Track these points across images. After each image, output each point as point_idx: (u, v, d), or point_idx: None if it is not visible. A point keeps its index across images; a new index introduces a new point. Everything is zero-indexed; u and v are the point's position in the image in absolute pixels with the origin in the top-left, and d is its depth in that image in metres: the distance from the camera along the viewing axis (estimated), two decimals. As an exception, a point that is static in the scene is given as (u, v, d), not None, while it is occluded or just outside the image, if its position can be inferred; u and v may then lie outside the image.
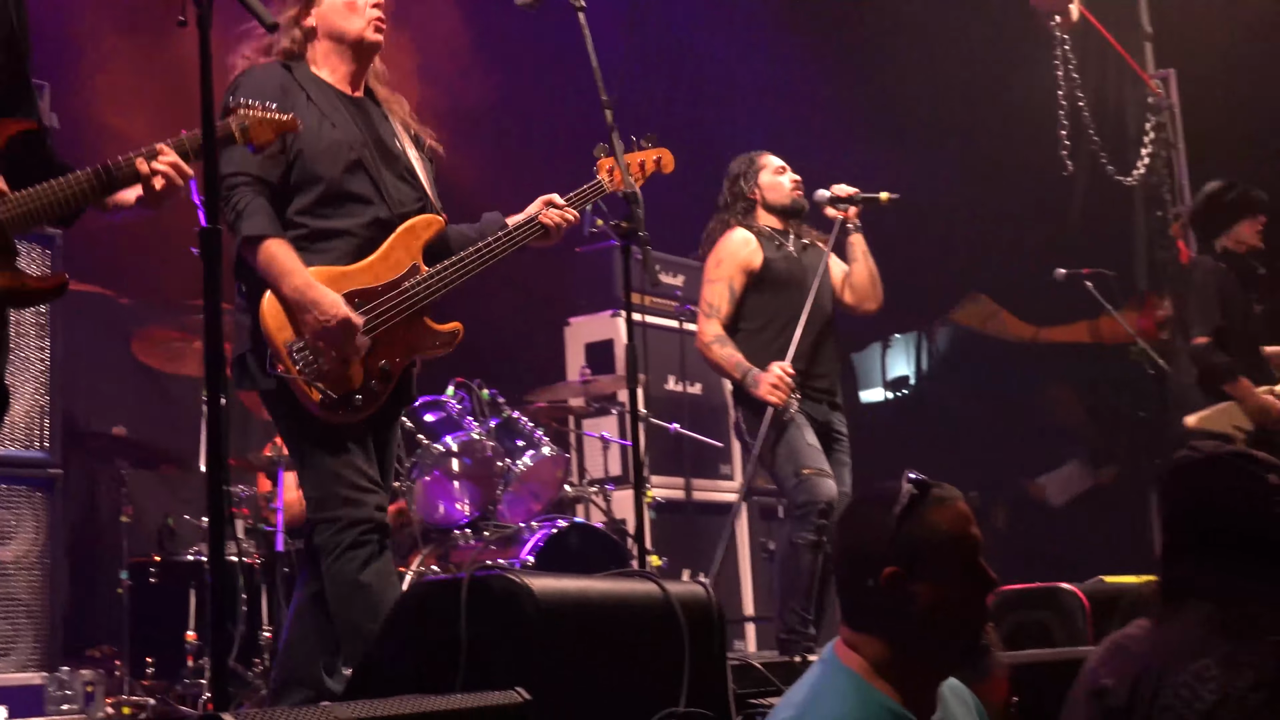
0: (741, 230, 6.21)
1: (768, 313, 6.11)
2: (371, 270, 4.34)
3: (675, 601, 3.47)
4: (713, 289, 6.17)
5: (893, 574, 2.63)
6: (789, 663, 4.59)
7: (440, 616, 3.19)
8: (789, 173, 6.35)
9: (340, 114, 4.42)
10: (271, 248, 4.20)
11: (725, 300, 6.12)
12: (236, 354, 4.34)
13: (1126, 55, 9.14)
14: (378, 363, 4.30)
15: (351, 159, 4.36)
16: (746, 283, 6.14)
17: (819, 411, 6.06)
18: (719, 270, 6.17)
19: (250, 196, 4.23)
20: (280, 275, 4.18)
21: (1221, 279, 7.47)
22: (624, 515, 7.51)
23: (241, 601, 6.42)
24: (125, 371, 8.32)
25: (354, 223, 4.36)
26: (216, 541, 2.99)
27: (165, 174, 3.64)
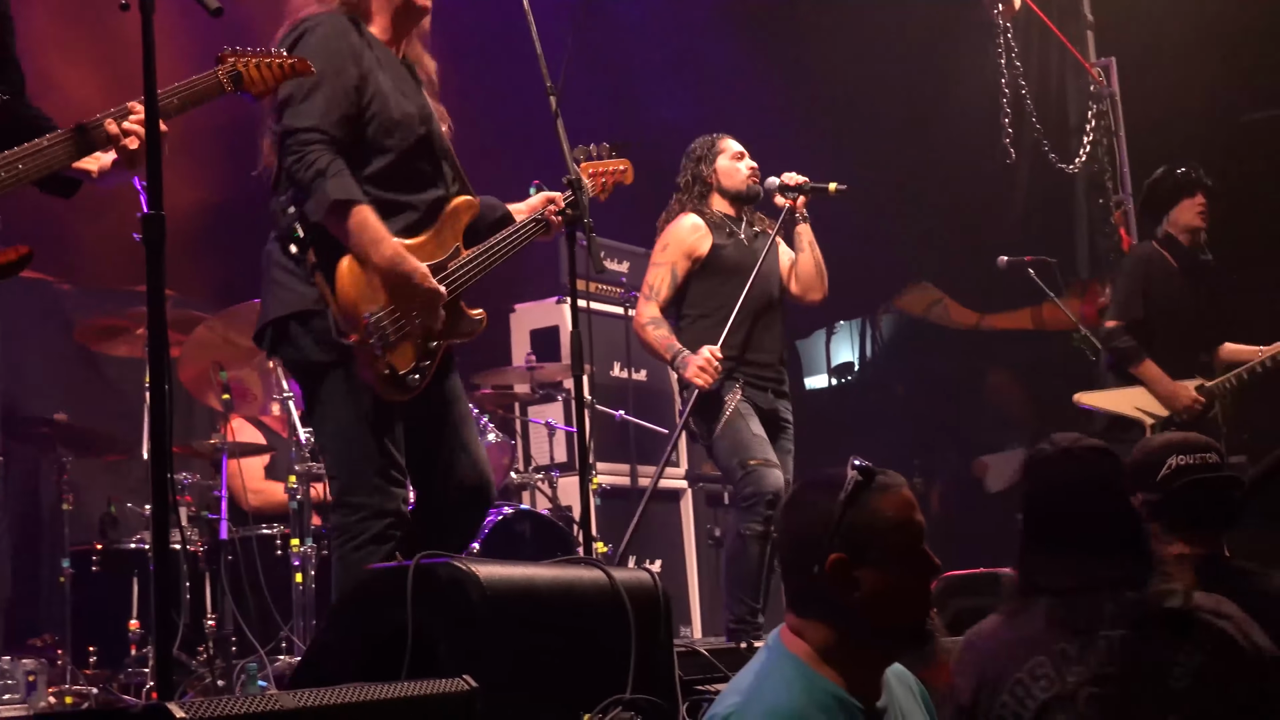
0: (692, 216, 6.21)
1: (714, 300, 6.10)
2: (426, 248, 4.23)
3: (621, 588, 3.48)
4: (655, 272, 6.18)
5: (837, 560, 2.65)
6: (735, 649, 4.61)
7: (387, 604, 3.19)
8: (747, 159, 6.35)
9: (408, 83, 4.32)
10: (364, 212, 4.04)
11: (666, 285, 6.12)
12: (276, 316, 4.17)
13: (1068, 43, 9.21)
14: (430, 343, 4.22)
15: (421, 133, 4.27)
16: (691, 268, 6.14)
17: (763, 399, 6.06)
18: (664, 254, 6.19)
19: (331, 155, 4.05)
20: (373, 242, 4.03)
21: (1150, 267, 7.45)
22: (570, 502, 7.52)
23: (185, 590, 6.38)
24: (67, 357, 8.25)
25: (418, 198, 4.26)
26: (160, 529, 2.97)
27: (137, 133, 3.58)
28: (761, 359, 6.09)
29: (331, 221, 4.03)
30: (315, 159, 4.03)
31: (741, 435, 5.88)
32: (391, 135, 4.22)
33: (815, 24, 10.59)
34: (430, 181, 4.31)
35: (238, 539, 6.47)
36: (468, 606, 3.13)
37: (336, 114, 4.09)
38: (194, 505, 6.90)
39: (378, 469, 4.11)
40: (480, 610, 3.13)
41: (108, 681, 6.24)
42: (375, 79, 4.20)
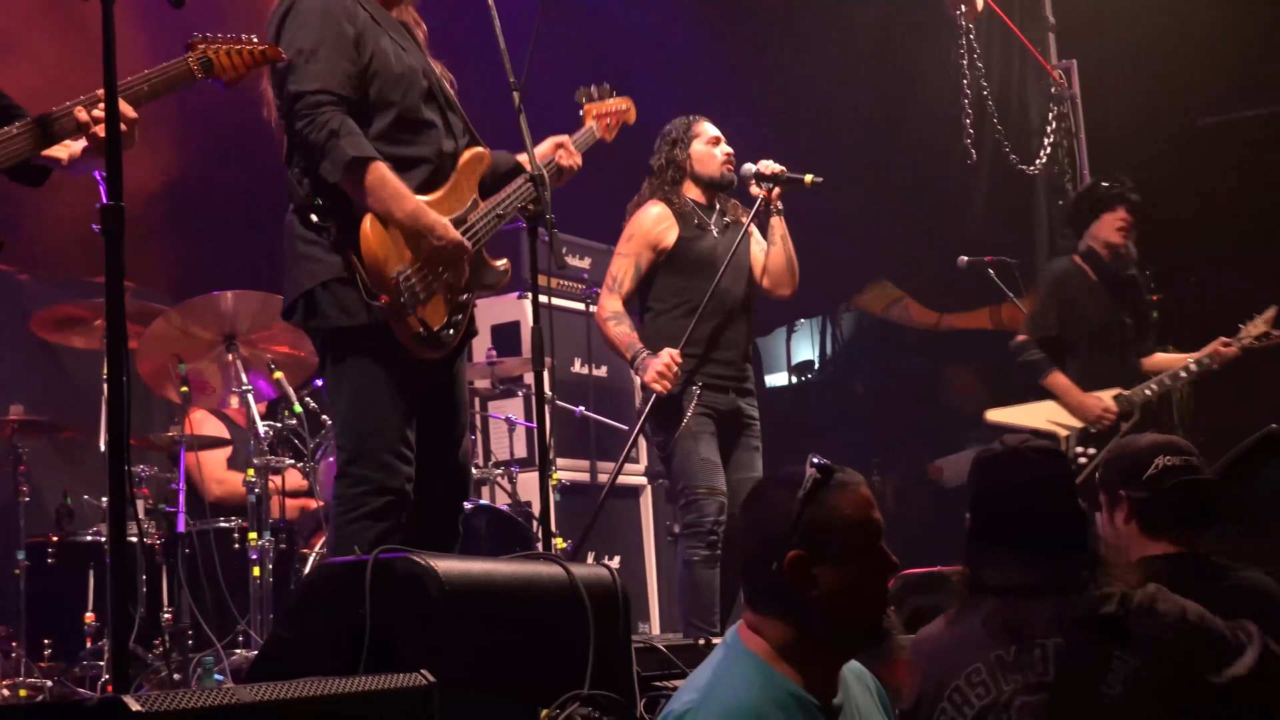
0: (658, 205, 6.09)
1: (679, 296, 6.01)
2: (444, 203, 4.23)
3: (580, 584, 3.48)
4: (619, 263, 6.08)
5: (796, 557, 2.65)
6: (693, 645, 4.61)
7: (345, 598, 3.18)
8: (723, 144, 6.20)
9: (406, 39, 4.31)
10: (382, 169, 4.02)
11: (629, 277, 6.03)
12: (304, 289, 4.14)
13: (1030, 45, 9.25)
14: (459, 297, 4.22)
15: (424, 86, 4.26)
16: (655, 260, 6.04)
17: (723, 401, 5.95)
18: (628, 245, 6.08)
19: (342, 115, 4.03)
20: (393, 197, 4.03)
21: (1067, 281, 7.47)
22: (529, 498, 7.52)
23: (142, 583, 6.35)
24: (23, 349, 8.20)
25: (429, 150, 4.25)
26: (117, 522, 2.96)
27: None
28: (725, 356, 5.98)
29: (349, 181, 4.02)
30: (327, 119, 4.01)
31: (690, 460, 5.80)
32: (395, 89, 4.21)
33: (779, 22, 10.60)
34: (437, 133, 4.30)
35: (195, 532, 6.44)
36: (426, 601, 3.13)
37: (340, 74, 4.08)
38: (151, 498, 6.87)
39: (386, 443, 4.10)
40: (439, 605, 3.12)
41: (63, 674, 6.20)
42: (372, 35, 4.19)
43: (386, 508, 4.06)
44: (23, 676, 6.06)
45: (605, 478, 8.31)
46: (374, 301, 4.02)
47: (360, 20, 4.19)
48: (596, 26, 10.55)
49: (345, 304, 4.08)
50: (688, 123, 6.22)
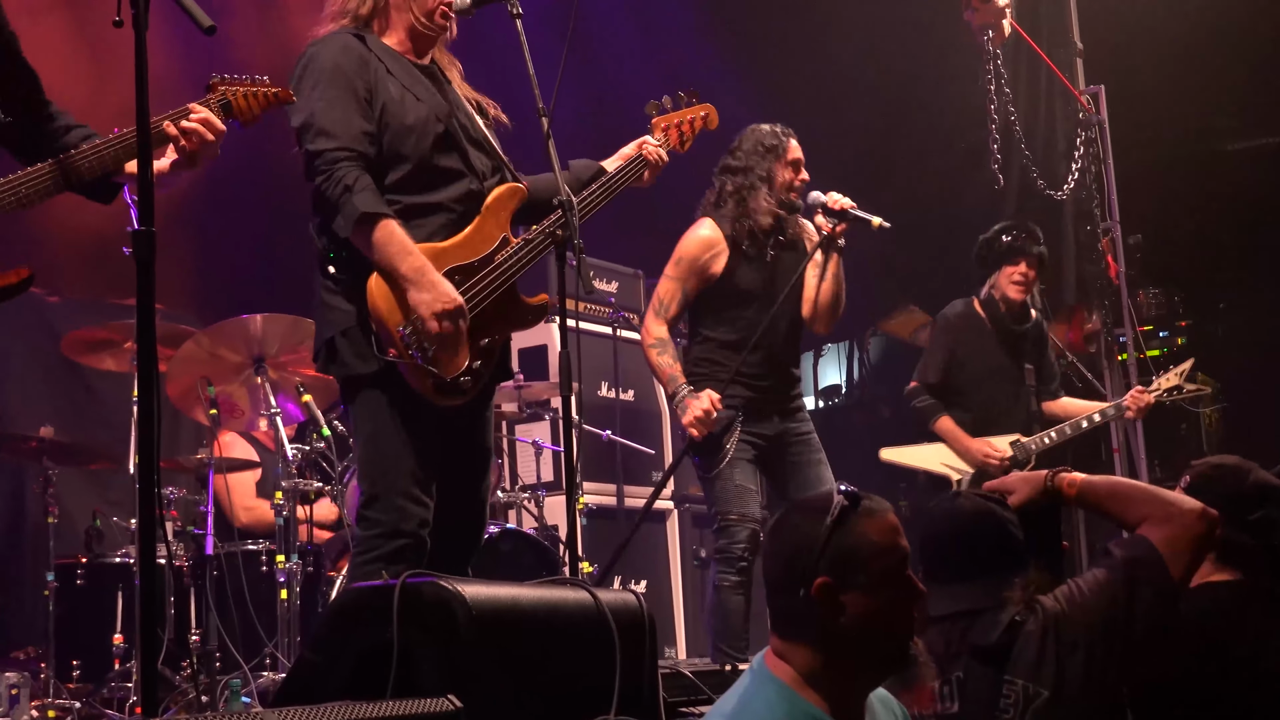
0: (709, 227, 5.97)
1: (724, 323, 5.94)
2: (467, 245, 4.27)
3: (606, 609, 3.48)
4: (666, 286, 5.97)
5: (823, 584, 2.65)
6: (719, 671, 4.61)
7: (372, 623, 3.19)
8: (803, 169, 6.03)
9: (421, 85, 4.35)
10: (390, 225, 4.08)
11: (676, 302, 5.94)
12: (325, 337, 4.24)
13: (1057, 71, 9.24)
14: (480, 341, 4.24)
15: (439, 131, 4.29)
16: (701, 287, 5.94)
17: (768, 427, 5.91)
18: (675, 269, 5.96)
19: (358, 171, 4.10)
20: (399, 255, 4.07)
21: (961, 327, 7.45)
22: (556, 522, 7.52)
23: (170, 605, 6.37)
24: (53, 371, 8.25)
25: (447, 196, 4.29)
26: (146, 544, 2.98)
27: (195, 130, 3.67)
28: (769, 384, 5.92)
29: (359, 237, 4.09)
30: (343, 175, 4.09)
31: (727, 486, 5.79)
32: (406, 141, 4.26)
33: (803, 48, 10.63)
34: (456, 176, 4.34)
35: (223, 554, 6.46)
36: (453, 626, 3.13)
37: (356, 130, 4.15)
38: (179, 520, 6.89)
39: (398, 488, 4.15)
40: (465, 630, 3.13)
41: (91, 696, 6.22)
42: (384, 88, 4.25)
43: (399, 551, 4.11)
44: (51, 697, 6.08)
45: (632, 502, 8.32)
46: (382, 355, 4.11)
47: (373, 73, 4.26)
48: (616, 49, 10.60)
49: (361, 351, 4.16)
50: (781, 135, 6.04)
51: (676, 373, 5.84)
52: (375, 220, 4.08)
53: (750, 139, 6.05)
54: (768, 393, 5.93)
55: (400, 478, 4.16)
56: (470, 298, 4.22)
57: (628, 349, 8.58)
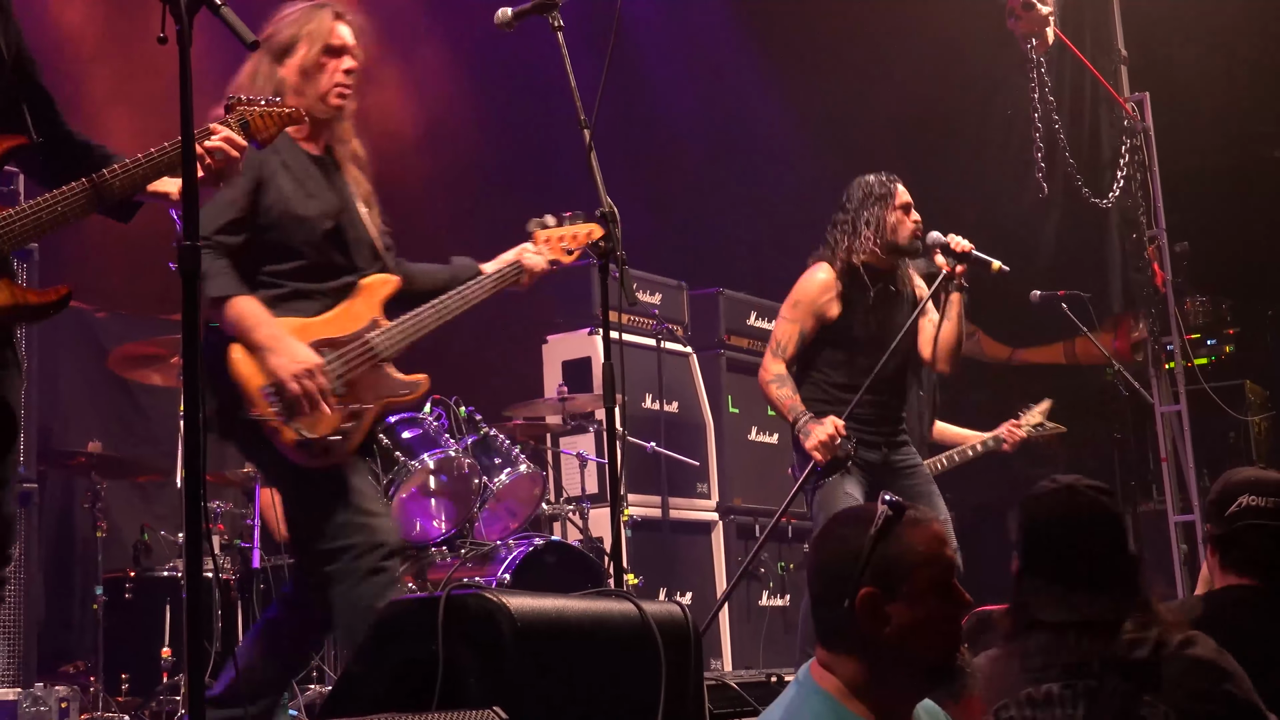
0: (826, 271, 6.00)
1: (837, 368, 5.99)
2: (335, 323, 4.44)
3: (652, 621, 3.48)
4: (784, 328, 6.03)
5: (867, 595, 2.64)
6: (764, 682, 4.60)
7: (417, 635, 3.19)
8: (913, 210, 6.09)
9: (315, 180, 4.51)
10: (240, 303, 4.27)
11: (793, 343, 5.98)
12: (211, 411, 4.36)
13: (1101, 78, 9.19)
14: (348, 405, 4.36)
15: (326, 228, 4.46)
16: (817, 330, 5.98)
17: (875, 455, 5.95)
18: (793, 311, 6.03)
19: (212, 259, 4.27)
20: (252, 326, 4.26)
21: None
22: (601, 533, 7.52)
23: (217, 618, 6.40)
24: (100, 385, 8.31)
25: (329, 287, 4.47)
26: (193, 558, 2.99)
27: (219, 149, 3.75)
28: (880, 424, 5.99)
29: (216, 315, 4.29)
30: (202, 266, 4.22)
31: (834, 494, 5.78)
32: (297, 233, 4.43)
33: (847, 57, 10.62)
34: (341, 270, 4.51)
35: (270, 567, 6.49)
36: (498, 638, 3.13)
37: (223, 220, 4.32)
38: (226, 533, 6.93)
39: (351, 509, 4.29)
40: (511, 641, 3.13)
41: (139, 709, 6.26)
42: (275, 183, 4.41)
43: (381, 561, 4.27)
44: (100, 710, 6.13)
45: (676, 514, 8.31)
46: (247, 414, 4.25)
47: (267, 168, 4.41)
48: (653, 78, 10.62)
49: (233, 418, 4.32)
50: (888, 183, 6.09)
51: (796, 402, 5.89)
52: (224, 300, 4.27)
53: (858, 190, 6.10)
54: (876, 434, 5.99)
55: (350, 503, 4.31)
56: (338, 366, 4.36)
57: (671, 361, 8.58)
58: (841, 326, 5.97)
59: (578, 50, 4.52)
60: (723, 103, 10.98)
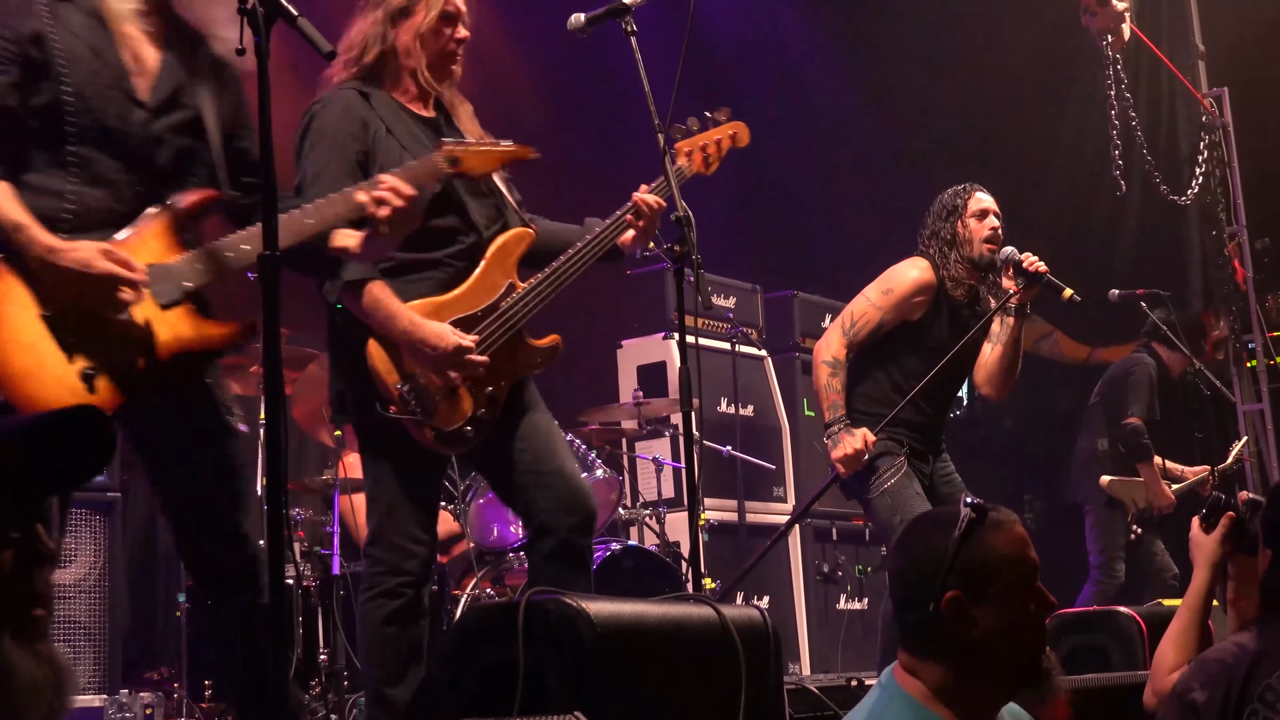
0: (924, 270, 5.82)
1: (903, 368, 5.81)
2: (469, 296, 4.31)
3: (731, 625, 3.47)
4: (865, 311, 5.84)
5: (953, 598, 2.62)
6: (844, 686, 4.57)
7: (497, 640, 3.20)
8: (990, 217, 5.86)
9: (420, 145, 4.37)
10: (375, 290, 4.17)
11: (867, 331, 5.79)
12: (335, 389, 4.37)
13: (1179, 74, 9.11)
14: (484, 389, 4.28)
15: (435, 192, 4.31)
16: (896, 324, 5.80)
17: (925, 465, 5.85)
18: (884, 298, 5.82)
19: None
20: (387, 319, 4.17)
21: (1154, 377, 8.37)
22: (677, 538, 7.52)
23: (298, 624, 6.45)
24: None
25: (443, 253, 4.33)
26: (275, 564, 3.01)
27: (388, 200, 3.81)
28: (927, 432, 5.84)
29: (348, 301, 4.21)
30: None
31: (905, 495, 5.65)
32: None
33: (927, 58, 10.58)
34: (454, 235, 4.36)
35: (349, 574, 6.53)
36: (578, 643, 3.14)
37: None
38: (306, 540, 6.98)
39: (401, 531, 4.24)
40: (590, 646, 3.13)
41: (223, 715, 6.31)
42: (381, 147, 4.30)
43: (398, 587, 4.21)
44: (185, 717, 6.18)
45: (753, 518, 8.30)
46: (385, 411, 4.20)
47: (371, 133, 4.31)
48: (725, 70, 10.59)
49: (364, 404, 4.25)
50: (962, 194, 5.92)
51: (839, 401, 5.72)
52: (361, 286, 4.17)
53: (936, 204, 5.95)
54: (929, 440, 5.88)
55: (399, 521, 4.25)
56: None
57: (746, 364, 8.57)
58: (920, 332, 5.81)
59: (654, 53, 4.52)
60: (799, 105, 10.96)
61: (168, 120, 3.73)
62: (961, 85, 10.39)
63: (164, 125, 3.72)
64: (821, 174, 10.82)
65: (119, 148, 3.65)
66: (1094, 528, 8.47)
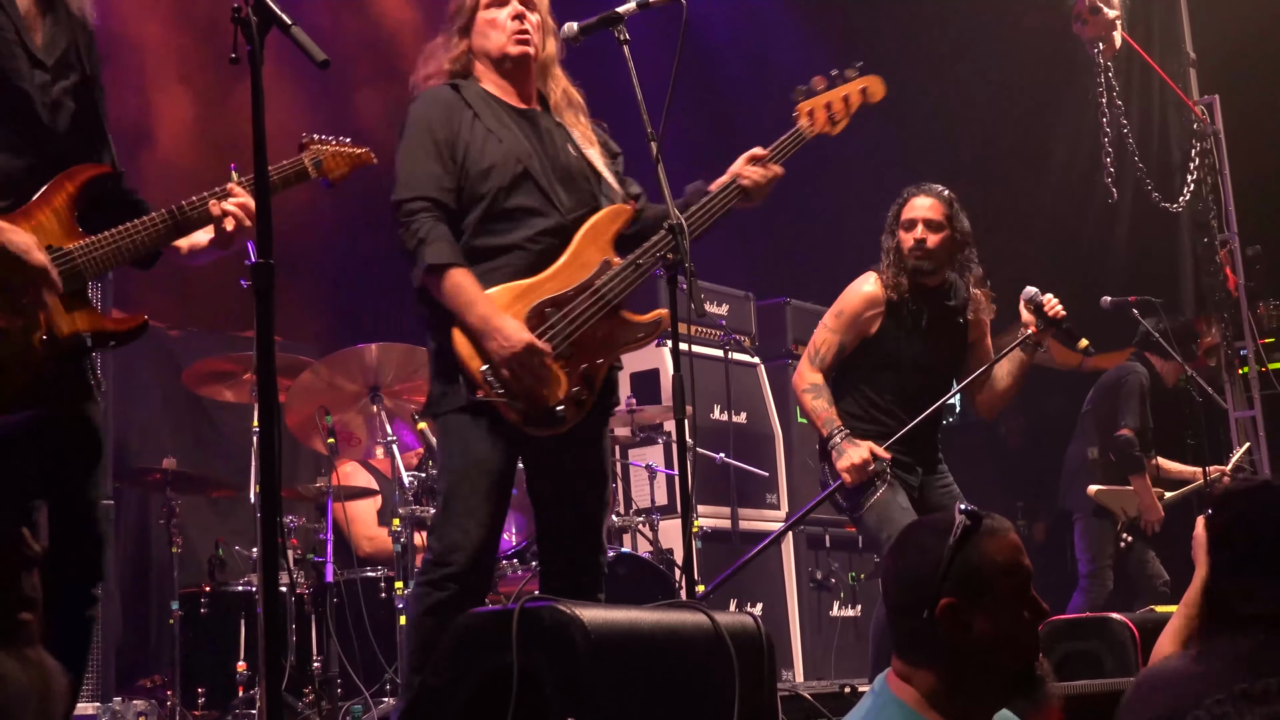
0: (873, 283, 5.82)
1: (875, 384, 5.82)
2: (562, 275, 4.33)
3: (725, 632, 3.47)
4: (824, 337, 5.86)
5: (947, 605, 2.63)
6: (838, 693, 4.58)
7: (492, 647, 3.21)
8: (919, 227, 5.80)
9: (508, 129, 4.41)
10: (456, 276, 4.20)
11: (832, 354, 5.81)
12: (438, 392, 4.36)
13: (1170, 81, 9.13)
14: (579, 368, 4.30)
15: (518, 171, 4.35)
16: (857, 342, 5.81)
17: (913, 478, 5.80)
18: (836, 320, 5.85)
19: (432, 223, 4.24)
20: (465, 306, 4.18)
21: (1146, 387, 8.42)
22: (671, 545, 7.52)
23: (291, 632, 6.45)
24: (175, 403, 8.40)
25: (522, 236, 4.34)
26: (269, 572, 3.01)
27: (234, 214, 3.72)
28: (914, 446, 5.76)
29: (431, 286, 4.22)
30: (418, 228, 4.24)
31: (890, 510, 5.61)
32: (482, 184, 4.33)
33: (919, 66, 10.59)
34: (532, 215, 4.36)
35: (343, 581, 6.53)
36: (572, 650, 3.14)
37: (432, 180, 4.28)
38: (300, 548, 6.98)
39: (458, 525, 4.22)
40: (585, 654, 3.13)
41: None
42: (466, 134, 4.35)
43: (445, 579, 4.19)
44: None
45: (746, 525, 8.29)
46: (472, 395, 4.20)
47: (458, 120, 4.36)
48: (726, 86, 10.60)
49: (445, 390, 4.28)
50: (899, 203, 5.94)
51: (833, 415, 5.72)
52: (443, 271, 4.20)
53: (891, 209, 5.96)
54: (915, 452, 5.81)
55: (458, 511, 4.23)
56: (564, 327, 4.27)
57: (740, 371, 8.57)
58: (883, 346, 5.79)
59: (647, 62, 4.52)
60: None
61: (65, 83, 3.62)
62: (954, 93, 10.40)
63: (61, 88, 3.60)
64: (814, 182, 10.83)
65: (22, 110, 3.52)
66: (1083, 536, 8.48)
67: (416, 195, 4.27)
